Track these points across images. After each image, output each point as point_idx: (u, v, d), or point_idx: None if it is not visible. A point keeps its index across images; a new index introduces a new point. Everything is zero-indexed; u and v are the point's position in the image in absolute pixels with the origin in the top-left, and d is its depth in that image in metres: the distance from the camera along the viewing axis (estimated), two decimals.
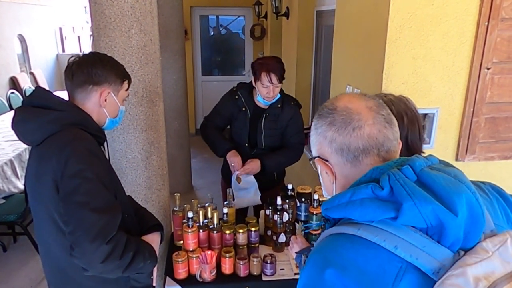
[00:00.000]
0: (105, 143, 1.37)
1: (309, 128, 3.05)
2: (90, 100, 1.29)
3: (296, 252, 1.38)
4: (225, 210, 2.01)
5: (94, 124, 1.30)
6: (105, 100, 1.31)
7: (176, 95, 4.15)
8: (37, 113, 1.21)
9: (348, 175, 0.80)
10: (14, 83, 6.68)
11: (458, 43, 1.87)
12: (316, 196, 2.01)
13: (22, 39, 7.31)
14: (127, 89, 1.39)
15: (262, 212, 2.20)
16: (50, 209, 1.20)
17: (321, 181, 0.91)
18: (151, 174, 2.01)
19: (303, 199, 2.09)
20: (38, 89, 1.29)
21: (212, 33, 6.89)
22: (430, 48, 1.86)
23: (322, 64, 3.64)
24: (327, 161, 0.83)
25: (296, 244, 1.43)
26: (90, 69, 1.27)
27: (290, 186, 2.10)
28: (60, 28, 8.86)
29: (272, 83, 2.12)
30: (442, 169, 0.75)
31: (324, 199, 2.08)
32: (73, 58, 1.31)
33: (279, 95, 2.24)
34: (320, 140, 0.83)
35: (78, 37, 9.77)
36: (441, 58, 1.88)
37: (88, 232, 1.09)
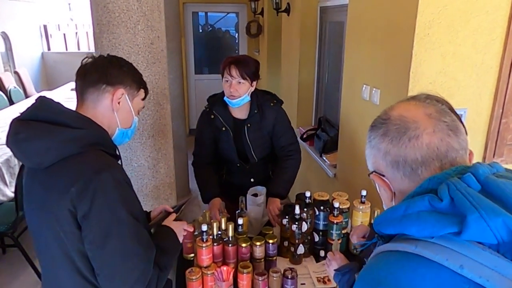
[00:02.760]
0: (120, 160, 1.20)
1: (313, 129, 2.88)
2: (101, 102, 1.13)
3: (335, 270, 1.25)
4: (240, 221, 1.86)
5: (111, 142, 1.15)
6: (118, 102, 1.15)
7: (173, 95, 3.95)
8: (49, 130, 1.02)
9: (406, 192, 0.72)
10: None
11: (488, 40, 1.75)
12: (336, 204, 1.87)
13: (5, 37, 7.00)
14: (143, 99, 1.24)
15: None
16: (65, 246, 1.04)
17: (381, 197, 0.82)
18: (159, 183, 1.86)
19: (321, 207, 1.95)
20: (45, 100, 1.09)
21: (201, 31, 6.70)
22: (460, 45, 1.74)
23: (327, 61, 3.51)
24: (383, 176, 0.76)
25: (334, 261, 1.29)
26: (105, 68, 1.13)
27: (308, 194, 1.96)
28: (45, 26, 8.55)
29: (231, 75, 1.90)
30: (510, 176, 0.68)
31: (345, 206, 1.95)
32: (86, 58, 1.16)
33: (248, 98, 2.01)
34: (374, 153, 0.76)
35: (64, 34, 9.45)
36: (470, 56, 1.76)
37: (126, 280, 1.02)
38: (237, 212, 2.03)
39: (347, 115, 2.53)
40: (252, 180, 2.20)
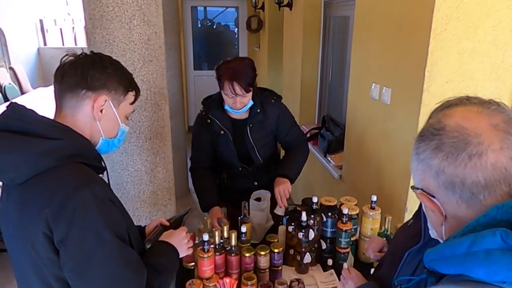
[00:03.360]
0: (106, 172, 1.08)
1: (317, 128, 2.73)
2: (81, 109, 0.99)
3: None
4: (243, 229, 1.75)
5: (94, 152, 1.02)
6: (101, 110, 1.01)
7: (171, 92, 3.82)
8: (20, 142, 0.89)
9: (463, 219, 0.60)
10: None
11: (509, 36, 1.64)
12: (345, 210, 1.77)
13: (0, 32, 6.85)
14: (132, 103, 1.10)
15: (281, 227, 1.95)
16: (43, 272, 0.92)
17: (428, 218, 0.70)
18: (157, 189, 1.75)
19: (329, 213, 1.84)
20: (16, 107, 0.95)
21: (200, 26, 6.57)
22: (479, 42, 1.62)
23: (331, 58, 3.39)
24: (433, 197, 0.63)
25: (351, 280, 1.18)
26: (85, 69, 0.99)
27: (315, 199, 1.85)
28: (41, 20, 8.39)
29: (236, 94, 1.76)
30: None
31: (354, 212, 1.84)
32: (66, 56, 1.02)
33: (251, 102, 1.88)
34: (423, 169, 0.63)
35: (60, 29, 9.28)
36: (489, 53, 1.65)
37: None
38: (239, 218, 1.92)
39: (354, 115, 2.42)
40: (255, 183, 2.09)
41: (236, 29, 6.58)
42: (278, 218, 2.03)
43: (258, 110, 1.92)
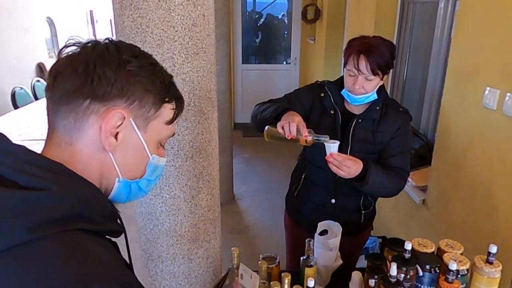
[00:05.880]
0: (124, 235, 0.66)
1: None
2: (83, 133, 0.59)
3: None
4: (311, 283, 1.31)
5: (104, 205, 0.61)
6: (116, 134, 0.60)
7: (219, 90, 3.46)
8: None
9: None
10: (41, 70, 6.22)
11: None
12: (453, 266, 1.26)
13: (50, 22, 6.84)
14: (169, 122, 0.67)
15: (356, 274, 1.49)
16: None
17: None
18: (198, 221, 1.34)
19: (427, 266, 1.35)
20: None
21: (248, 16, 6.14)
22: None
23: (407, 52, 2.84)
24: None
25: None
26: (90, 66, 0.58)
27: (408, 246, 1.36)
28: (91, 11, 8.39)
29: (359, 70, 1.43)
30: None
31: (464, 267, 1.33)
32: (67, 46, 0.62)
33: (375, 96, 1.51)
34: None
35: (110, 20, 9.28)
36: None
37: None
38: (302, 259, 1.49)
39: (451, 126, 1.88)
40: (332, 201, 1.65)
41: (286, 20, 6.12)
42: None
43: (378, 108, 1.53)
